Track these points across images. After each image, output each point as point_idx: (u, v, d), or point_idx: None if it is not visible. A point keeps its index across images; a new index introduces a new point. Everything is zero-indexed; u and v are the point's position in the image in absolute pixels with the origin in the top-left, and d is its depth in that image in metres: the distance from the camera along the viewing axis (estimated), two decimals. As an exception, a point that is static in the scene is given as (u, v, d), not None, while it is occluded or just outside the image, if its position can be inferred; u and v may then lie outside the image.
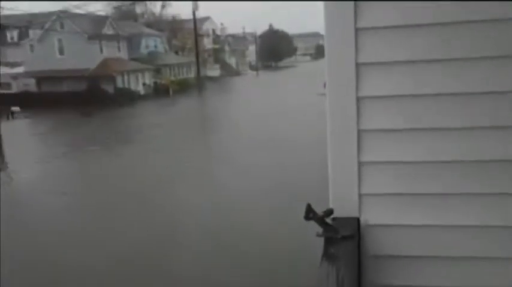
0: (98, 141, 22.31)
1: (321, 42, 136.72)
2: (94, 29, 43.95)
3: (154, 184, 13.79)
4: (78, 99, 39.68)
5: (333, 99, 1.91)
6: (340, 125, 1.94)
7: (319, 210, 1.86)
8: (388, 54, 1.90)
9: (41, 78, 42.61)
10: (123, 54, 48.57)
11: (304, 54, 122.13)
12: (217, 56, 73.92)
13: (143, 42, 54.06)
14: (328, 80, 1.92)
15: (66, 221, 10.86)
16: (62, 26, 43.25)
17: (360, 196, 1.92)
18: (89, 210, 11.43)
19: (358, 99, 1.93)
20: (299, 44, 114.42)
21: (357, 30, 1.90)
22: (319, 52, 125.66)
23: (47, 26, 42.65)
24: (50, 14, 43.68)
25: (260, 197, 11.81)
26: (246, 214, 10.54)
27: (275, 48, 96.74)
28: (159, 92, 47.55)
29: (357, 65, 1.89)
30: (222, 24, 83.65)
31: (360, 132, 1.94)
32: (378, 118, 1.95)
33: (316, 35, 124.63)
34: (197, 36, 55.60)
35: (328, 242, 1.73)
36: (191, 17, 56.59)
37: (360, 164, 1.95)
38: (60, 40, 43.60)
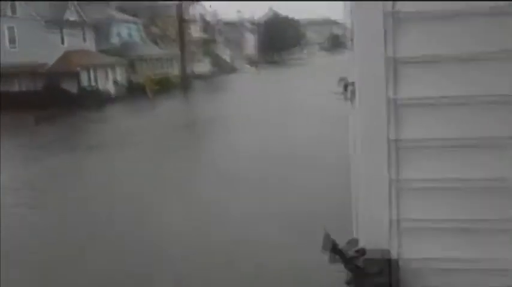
0: (48, 153, 22.43)
1: (334, 30, 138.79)
2: (53, 14, 44.20)
3: (118, 212, 13.70)
4: (32, 101, 39.79)
5: (362, 103, 1.92)
6: (369, 133, 1.98)
7: (339, 241, 1.90)
8: (431, 49, 1.94)
9: (-14, 74, 42.89)
10: (90, 45, 48.86)
11: (315, 46, 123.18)
12: (207, 48, 74.39)
13: (114, 30, 54.32)
14: (357, 80, 1.93)
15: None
16: (13, 11, 43.51)
17: (392, 222, 1.91)
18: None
19: (392, 102, 1.94)
20: (308, 34, 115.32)
21: (394, 17, 1.96)
22: (333, 43, 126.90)
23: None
24: (-1, -5, 43.92)
25: (263, 230, 11.67)
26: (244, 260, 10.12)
27: (279, 38, 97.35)
28: (135, 92, 47.67)
29: (393, 60, 1.91)
30: (211, 7, 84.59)
31: (391, 143, 1.96)
32: (416, 126, 1.97)
33: (328, 22, 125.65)
34: (182, 22, 55.88)
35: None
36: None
37: (392, 182, 1.95)
38: (11, 28, 43.81)
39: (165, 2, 62.71)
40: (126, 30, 55.81)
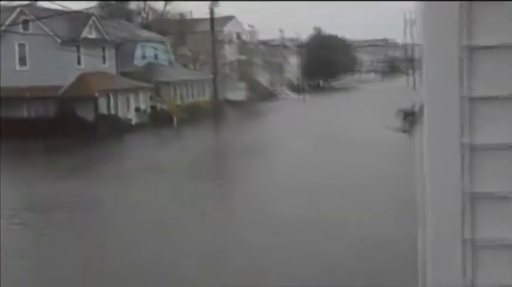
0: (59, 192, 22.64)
1: (390, 53, 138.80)
2: (70, 31, 45.09)
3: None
4: (42, 128, 40.14)
5: (431, 149, 1.94)
6: (438, 183, 2.00)
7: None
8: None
9: (-7, 98, 43.24)
10: (110, 67, 49.79)
11: (369, 71, 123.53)
12: (243, 71, 75.37)
13: (138, 50, 55.50)
14: (426, 120, 1.96)
15: None
16: (25, 27, 43.99)
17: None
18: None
19: (467, 148, 1.99)
20: (360, 56, 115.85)
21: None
22: (388, 67, 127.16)
23: (4, 25, 43.21)
24: (10, 8, 44.23)
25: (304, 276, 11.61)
26: None
27: (327, 61, 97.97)
28: (159, 120, 48.31)
29: (469, 101, 1.96)
30: (251, 26, 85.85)
31: (465, 196, 2.00)
32: (495, 174, 2.01)
33: (382, 43, 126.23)
34: (215, 42, 56.79)
35: None
36: (207, 15, 58.11)
37: (466, 242, 2.00)
38: (22, 46, 44.56)
39: (198, 19, 63.99)
40: (151, 50, 56.81)
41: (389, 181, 21.14)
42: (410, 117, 39.50)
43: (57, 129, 40.16)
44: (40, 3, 44.10)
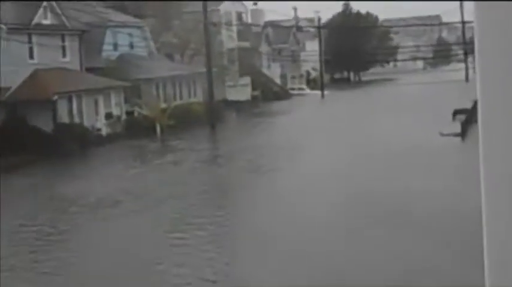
0: None
1: (440, 34, 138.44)
2: (20, 15, 44.74)
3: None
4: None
5: (489, 150, 2.02)
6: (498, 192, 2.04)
7: None
8: None
9: None
10: (72, 61, 49.40)
11: (414, 59, 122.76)
12: (246, 62, 74.87)
13: (109, 38, 55.05)
14: (481, 116, 1.97)
15: None
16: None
17: None
18: None
19: None
20: (400, 40, 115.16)
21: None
22: (439, 53, 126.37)
23: None
24: None
25: None
26: None
27: (356, 48, 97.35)
28: (138, 129, 47.90)
29: None
30: (255, 3, 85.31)
31: None
32: None
33: (433, 19, 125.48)
34: (209, 26, 56.07)
35: None
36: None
37: None
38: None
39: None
40: (126, 38, 56.49)
41: (455, 217, 20.46)
42: (466, 118, 38.83)
43: (3, 142, 39.18)
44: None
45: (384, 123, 45.16)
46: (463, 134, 37.36)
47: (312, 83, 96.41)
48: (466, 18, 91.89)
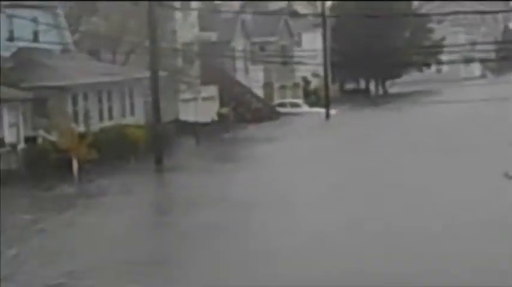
0: None
1: (506, 25, 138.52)
2: None
3: None
4: None
5: None
6: None
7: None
8: None
9: None
10: None
11: (466, 61, 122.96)
12: (211, 64, 75.35)
13: (2, 25, 54.90)
14: None
15: None
16: None
17: None
18: None
19: None
20: (449, 34, 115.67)
21: None
22: (508, 55, 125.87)
23: None
24: None
25: None
26: None
27: (377, 44, 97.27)
28: (44, 165, 47.78)
29: None
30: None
31: None
32: None
33: (496, 3, 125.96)
34: (154, 8, 56.17)
35: None
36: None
37: None
38: None
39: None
40: (28, 25, 56.33)
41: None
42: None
43: None
44: None
45: (426, 174, 43.41)
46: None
47: (311, 97, 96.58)
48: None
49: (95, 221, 35.51)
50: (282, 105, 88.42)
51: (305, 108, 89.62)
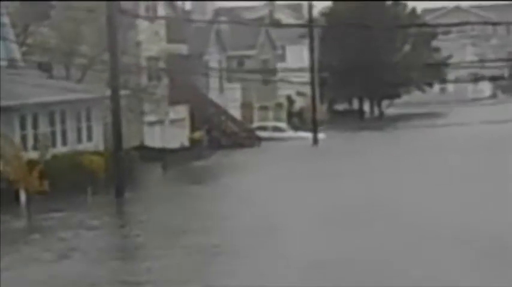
0: None
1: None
2: None
3: None
4: None
5: None
6: None
7: None
8: None
9: None
10: None
11: (475, 79, 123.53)
12: (182, 80, 75.23)
13: None
14: None
15: None
16: None
17: None
18: None
19: None
20: (455, 48, 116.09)
21: None
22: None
23: None
24: None
25: None
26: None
27: (372, 58, 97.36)
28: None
29: None
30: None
31: None
32: None
33: (509, 11, 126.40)
34: (115, 15, 56.14)
35: None
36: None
37: None
38: None
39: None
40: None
41: None
42: None
43: None
44: None
45: (434, 204, 43.86)
46: None
47: (296, 119, 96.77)
48: None
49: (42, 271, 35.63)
50: (262, 128, 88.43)
51: (289, 132, 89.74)
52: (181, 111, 75.08)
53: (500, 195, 44.69)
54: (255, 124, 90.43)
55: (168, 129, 72.41)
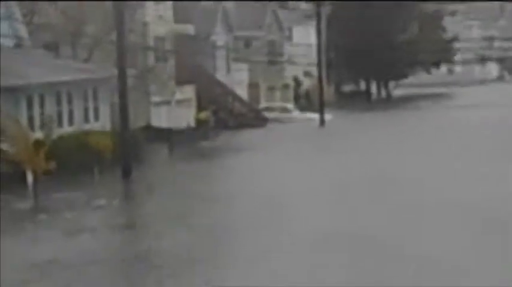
0: None
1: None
2: None
3: None
4: None
5: None
6: None
7: None
8: None
9: None
10: None
11: (482, 59, 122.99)
12: (188, 61, 75.24)
13: None
14: None
15: None
16: None
17: None
18: None
19: None
20: (462, 28, 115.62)
21: None
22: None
23: None
24: None
25: None
26: None
27: (379, 39, 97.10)
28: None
29: None
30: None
31: None
32: None
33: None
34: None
35: None
36: None
37: None
38: None
39: None
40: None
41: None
42: None
43: None
44: None
45: (445, 184, 43.95)
46: None
47: (303, 100, 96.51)
48: None
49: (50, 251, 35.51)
50: (269, 109, 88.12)
51: (296, 113, 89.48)
52: (188, 92, 74.95)
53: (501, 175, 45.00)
54: (262, 105, 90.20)
55: (174, 110, 72.23)
